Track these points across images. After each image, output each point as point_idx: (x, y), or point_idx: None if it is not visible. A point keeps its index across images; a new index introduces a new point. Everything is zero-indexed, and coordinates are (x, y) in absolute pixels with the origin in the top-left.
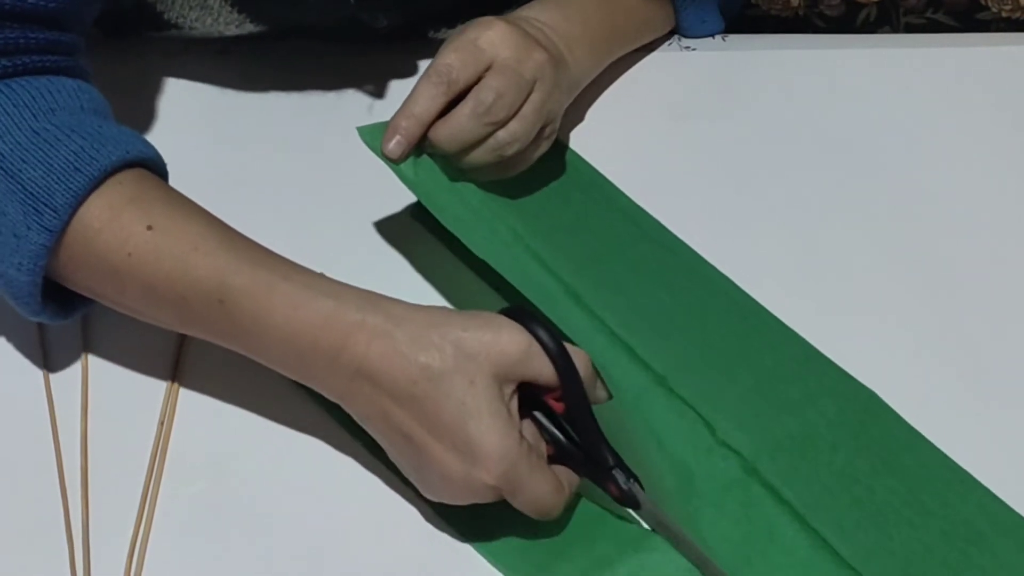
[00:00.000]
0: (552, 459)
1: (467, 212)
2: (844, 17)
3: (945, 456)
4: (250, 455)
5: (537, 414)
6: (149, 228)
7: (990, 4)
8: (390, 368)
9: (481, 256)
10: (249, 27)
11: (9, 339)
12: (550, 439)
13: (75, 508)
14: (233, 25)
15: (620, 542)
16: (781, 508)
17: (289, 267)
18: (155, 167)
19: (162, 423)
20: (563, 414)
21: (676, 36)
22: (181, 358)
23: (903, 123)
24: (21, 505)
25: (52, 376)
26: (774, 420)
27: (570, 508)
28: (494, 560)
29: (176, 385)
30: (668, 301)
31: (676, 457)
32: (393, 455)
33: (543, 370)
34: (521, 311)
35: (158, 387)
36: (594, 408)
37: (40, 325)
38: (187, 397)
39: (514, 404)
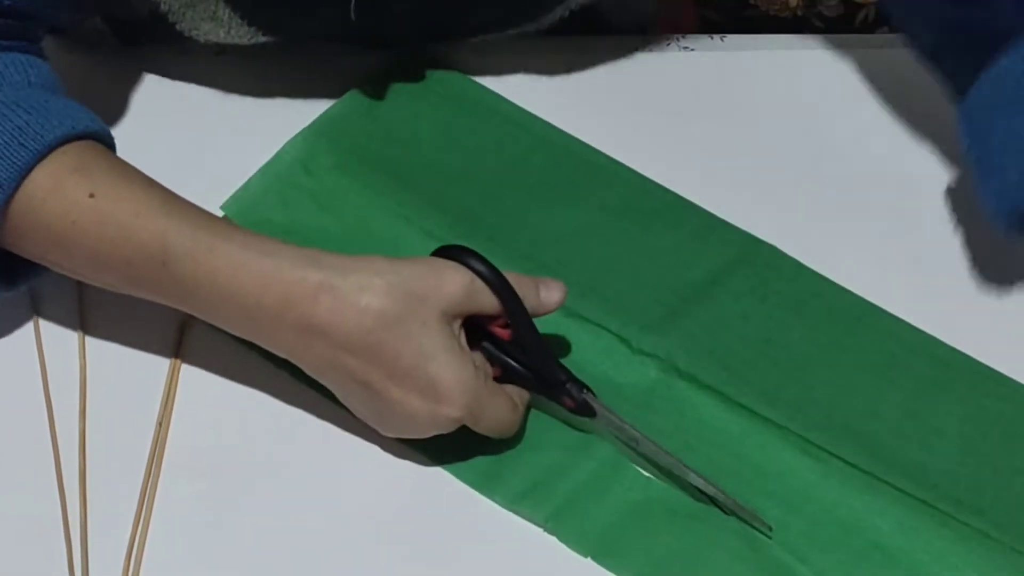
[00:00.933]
0: (500, 379)
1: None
2: (842, 17)
3: (849, 292)
4: (248, 454)
5: (486, 344)
6: (91, 196)
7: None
8: (342, 321)
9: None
10: (261, 38)
11: (7, 337)
12: (502, 366)
13: (73, 506)
14: (246, 38)
15: (570, 449)
16: (705, 393)
17: (230, 228)
18: (103, 140)
19: (160, 422)
20: (510, 340)
21: (676, 36)
22: (179, 358)
23: (902, 123)
24: (19, 504)
25: (50, 376)
26: (683, 313)
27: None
28: (453, 472)
29: (174, 384)
30: (565, 220)
31: (601, 377)
32: (351, 403)
33: (486, 302)
34: (457, 248)
35: (156, 386)
36: None
37: (37, 324)
38: (185, 396)
39: (463, 337)
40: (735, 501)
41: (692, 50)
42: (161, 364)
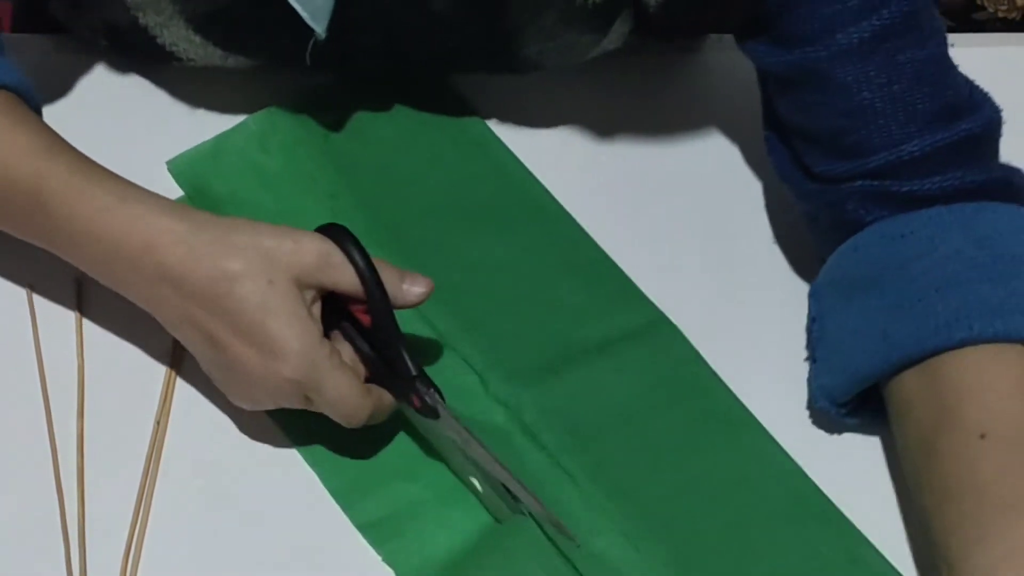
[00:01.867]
0: (369, 380)
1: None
2: None
3: (731, 396)
4: (247, 453)
5: (344, 324)
6: None
7: (986, 5)
8: (192, 271)
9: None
10: (233, 61)
11: (4, 336)
12: (355, 347)
13: (71, 505)
14: (219, 60)
15: (438, 491)
16: (541, 454)
17: (106, 175)
18: (21, 95)
19: (158, 422)
20: (370, 327)
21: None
22: (178, 358)
23: None
24: (17, 503)
25: (48, 375)
26: (556, 371)
27: (390, 435)
28: (319, 471)
29: (172, 384)
30: (486, 251)
31: (462, 414)
32: (203, 362)
33: (343, 278)
34: (334, 227)
35: (154, 386)
36: None
37: (35, 323)
38: (183, 396)
39: (316, 309)
40: (550, 513)
41: (693, 51)
42: (159, 363)
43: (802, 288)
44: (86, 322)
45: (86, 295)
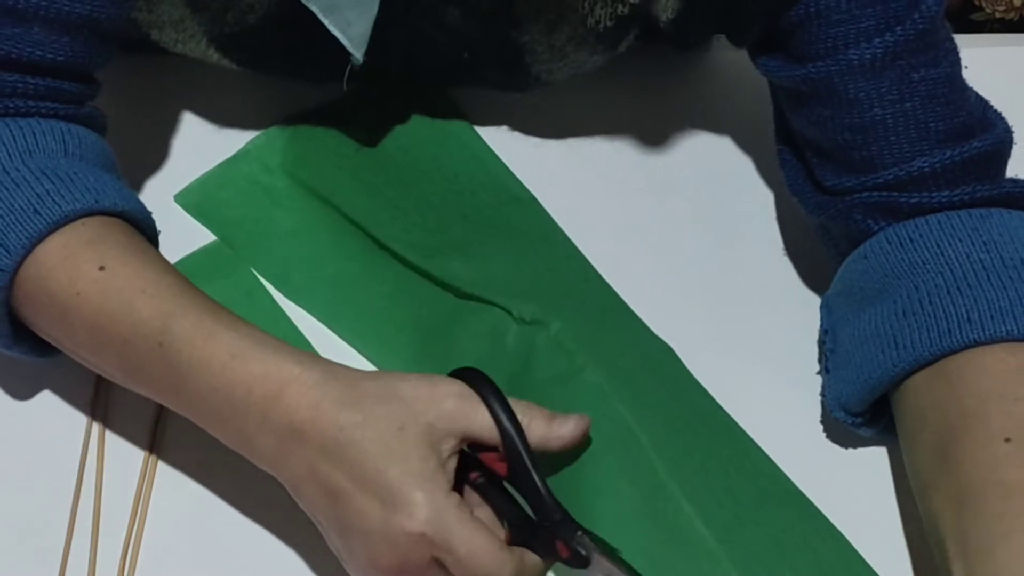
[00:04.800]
0: (511, 542)
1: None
2: None
3: (721, 413)
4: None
5: (477, 478)
6: (101, 269)
7: (984, 5)
8: (317, 417)
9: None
10: (237, 69)
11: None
12: (490, 505)
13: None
14: (234, 66)
15: None
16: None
17: (237, 320)
18: (137, 222)
19: (156, 420)
20: (505, 475)
21: None
22: None
23: None
24: (21, 506)
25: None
26: (570, 307)
27: None
28: None
29: None
30: (500, 251)
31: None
32: (326, 530)
33: (481, 421)
34: (468, 371)
35: None
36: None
37: None
38: None
39: (452, 463)
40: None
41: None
42: None
43: (814, 298)
44: None
45: None
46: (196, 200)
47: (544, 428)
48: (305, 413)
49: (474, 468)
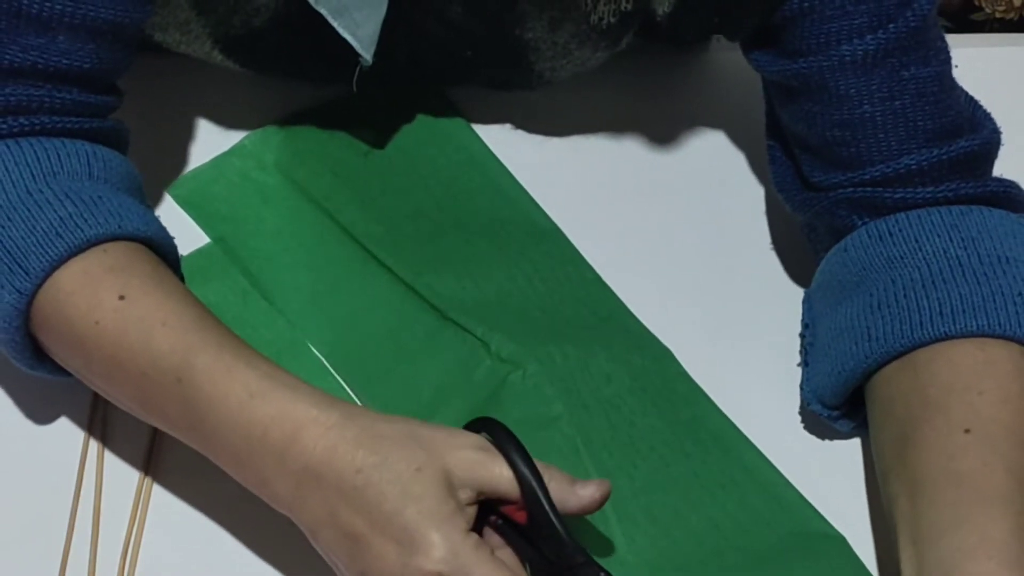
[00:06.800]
0: None
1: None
2: None
3: (726, 419)
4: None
5: (496, 521)
6: (121, 298)
7: (984, 5)
8: (334, 459)
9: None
10: (240, 70)
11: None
12: (510, 545)
13: (69, 505)
14: (239, 69)
15: None
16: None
17: (256, 357)
18: (159, 248)
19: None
20: (526, 525)
21: None
22: None
23: None
24: (21, 506)
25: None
26: (553, 342)
27: None
28: None
29: None
30: (483, 256)
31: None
32: (339, 571)
33: (500, 473)
34: (486, 421)
35: None
36: None
37: None
38: None
39: (471, 511)
40: None
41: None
42: None
43: (798, 293)
44: None
45: None
46: (187, 192)
47: (567, 492)
48: (322, 455)
49: (493, 512)
